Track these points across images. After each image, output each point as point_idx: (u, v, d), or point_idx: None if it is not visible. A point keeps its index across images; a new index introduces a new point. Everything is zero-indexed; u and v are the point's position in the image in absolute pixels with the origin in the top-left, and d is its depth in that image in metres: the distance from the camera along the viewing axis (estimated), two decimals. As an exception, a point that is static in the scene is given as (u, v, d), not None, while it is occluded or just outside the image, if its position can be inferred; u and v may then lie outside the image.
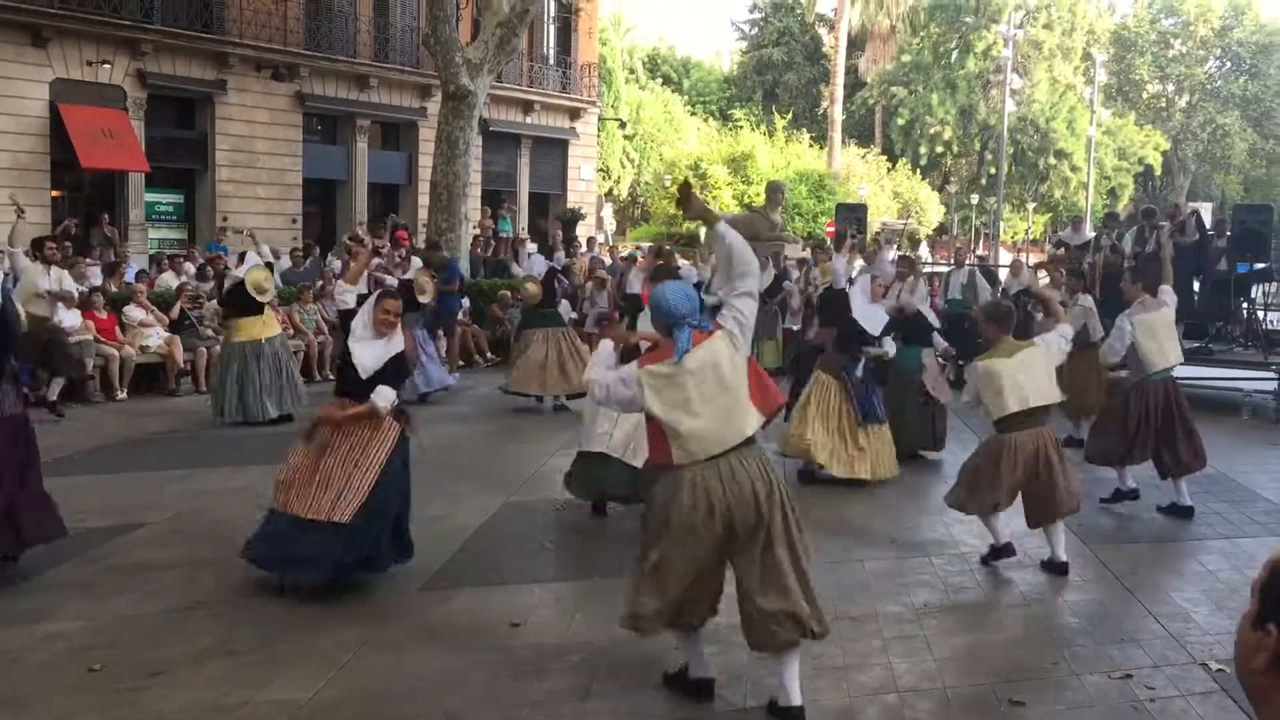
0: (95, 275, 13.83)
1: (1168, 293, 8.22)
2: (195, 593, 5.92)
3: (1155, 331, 7.94)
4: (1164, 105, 57.10)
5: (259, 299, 10.65)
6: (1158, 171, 54.07)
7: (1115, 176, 51.58)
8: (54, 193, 20.01)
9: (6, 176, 18.70)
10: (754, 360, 4.60)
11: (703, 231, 31.76)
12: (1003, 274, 15.99)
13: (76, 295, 11.78)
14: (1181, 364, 8.28)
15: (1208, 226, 16.43)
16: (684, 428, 4.26)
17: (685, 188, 4.56)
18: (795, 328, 15.06)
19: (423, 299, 10.83)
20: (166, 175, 22.01)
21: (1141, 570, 6.69)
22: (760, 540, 4.34)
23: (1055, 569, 6.53)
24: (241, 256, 11.29)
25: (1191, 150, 55.76)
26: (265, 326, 10.78)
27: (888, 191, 43.39)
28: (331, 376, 13.02)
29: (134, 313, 13.07)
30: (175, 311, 13.44)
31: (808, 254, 17.01)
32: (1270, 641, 1.46)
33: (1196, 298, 15.38)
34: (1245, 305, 14.57)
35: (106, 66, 20.17)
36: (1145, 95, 57.06)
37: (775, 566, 4.35)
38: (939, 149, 49.70)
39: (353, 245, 10.21)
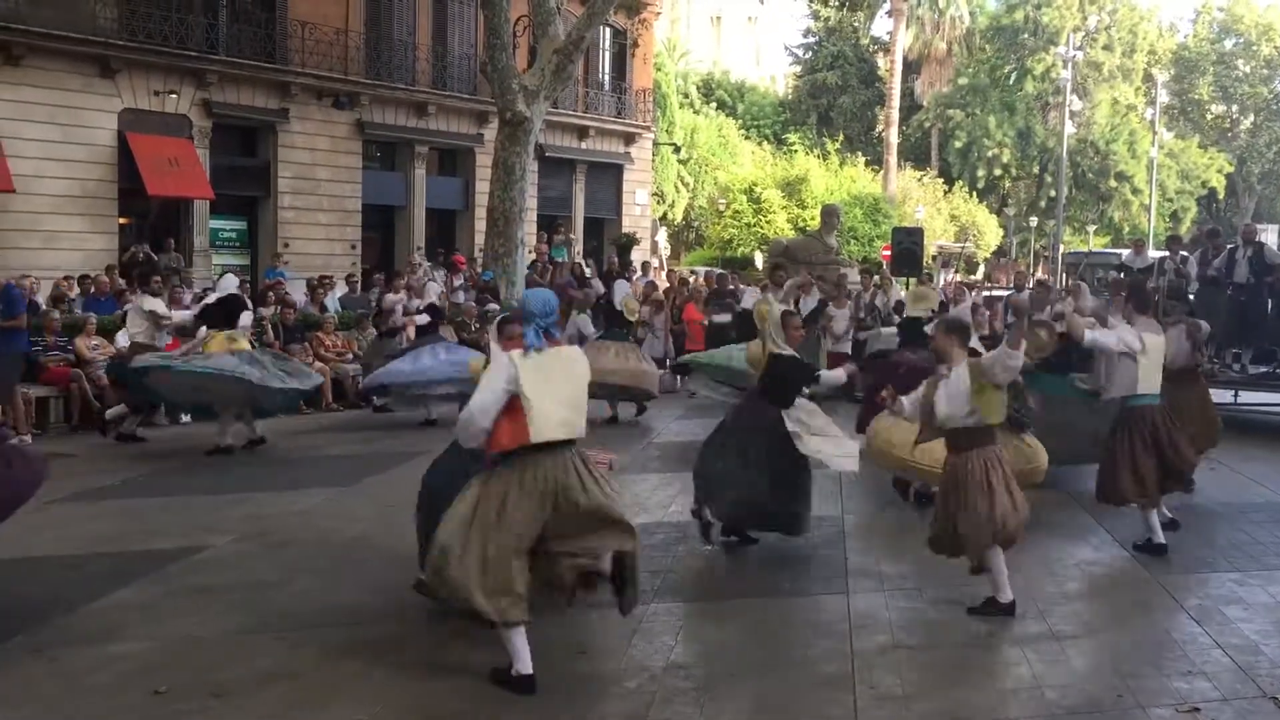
0: (186, 300, 13.49)
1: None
2: (257, 615, 6.00)
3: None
4: (1228, 126, 56.17)
5: None
6: (1221, 194, 53.13)
7: (1178, 199, 50.77)
8: (122, 220, 20.44)
9: (77, 204, 19.20)
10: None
11: (757, 256, 31.77)
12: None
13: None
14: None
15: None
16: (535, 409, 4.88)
17: None
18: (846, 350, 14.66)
19: None
20: (230, 202, 22.40)
21: (1208, 601, 6.55)
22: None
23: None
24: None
25: (1257, 170, 54.76)
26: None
27: (944, 214, 43.03)
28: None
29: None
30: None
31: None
32: None
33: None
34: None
35: (173, 96, 20.62)
36: (1209, 116, 56.17)
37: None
38: (997, 171, 49.22)
39: None
